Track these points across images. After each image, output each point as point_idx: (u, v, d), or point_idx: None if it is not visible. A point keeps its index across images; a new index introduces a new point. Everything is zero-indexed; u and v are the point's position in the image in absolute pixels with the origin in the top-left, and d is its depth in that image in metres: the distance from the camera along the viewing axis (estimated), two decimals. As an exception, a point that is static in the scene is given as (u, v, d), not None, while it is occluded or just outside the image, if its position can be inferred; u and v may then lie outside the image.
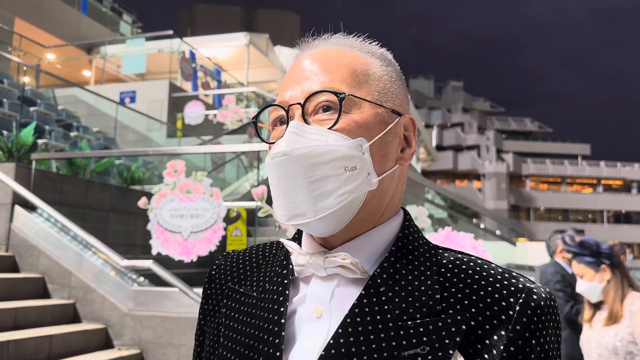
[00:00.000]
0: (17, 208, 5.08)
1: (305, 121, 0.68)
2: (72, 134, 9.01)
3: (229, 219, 5.02)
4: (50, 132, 8.11)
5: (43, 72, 11.48)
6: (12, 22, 13.69)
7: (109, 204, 6.54)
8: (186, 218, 4.63)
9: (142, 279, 4.74)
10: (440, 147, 46.89)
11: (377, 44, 0.78)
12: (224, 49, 15.66)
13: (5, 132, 6.73)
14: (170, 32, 13.28)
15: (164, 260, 4.68)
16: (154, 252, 4.65)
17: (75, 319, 4.63)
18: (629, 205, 47.27)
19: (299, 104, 0.69)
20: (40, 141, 7.20)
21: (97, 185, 6.60)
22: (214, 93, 13.41)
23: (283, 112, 0.71)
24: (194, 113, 11.51)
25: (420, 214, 5.82)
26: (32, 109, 8.84)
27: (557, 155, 51.46)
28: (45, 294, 4.78)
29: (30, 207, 5.15)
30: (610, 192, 49.00)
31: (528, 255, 8.99)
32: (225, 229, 4.67)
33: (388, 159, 0.71)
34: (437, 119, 51.68)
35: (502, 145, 49.34)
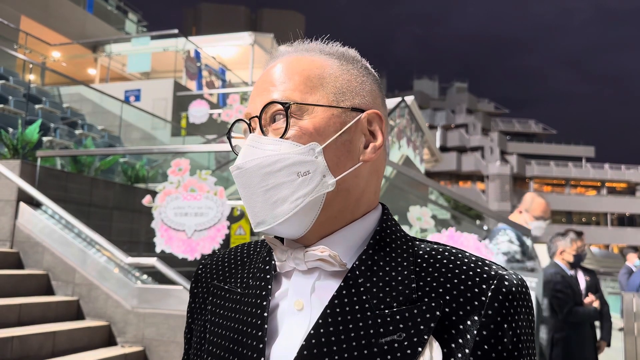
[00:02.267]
0: (22, 205, 5.10)
1: (264, 132, 0.72)
2: (77, 131, 9.04)
3: (232, 218, 5.02)
4: (55, 130, 8.14)
5: (48, 70, 11.54)
6: (18, 19, 13.75)
7: (113, 201, 6.57)
8: (190, 216, 4.64)
9: (145, 276, 4.76)
10: (444, 148, 46.79)
11: (339, 44, 0.79)
12: (228, 48, 15.68)
13: (10, 130, 6.76)
14: (176, 31, 13.30)
15: (167, 258, 4.69)
16: (157, 249, 4.66)
17: (78, 315, 4.64)
18: (632, 208, 47.08)
19: (256, 116, 0.72)
20: (45, 139, 7.23)
21: (101, 182, 6.63)
22: (219, 92, 13.43)
23: (247, 126, 0.75)
24: (198, 112, 11.53)
25: (423, 215, 5.81)
26: (37, 106, 8.88)
27: (561, 157, 51.32)
28: (49, 291, 4.80)
29: (35, 204, 5.17)
30: (614, 194, 48.84)
31: (531, 257, 8.96)
32: (229, 227, 4.68)
33: (348, 158, 0.72)
34: (441, 120, 51.62)
35: (506, 147, 49.25)
